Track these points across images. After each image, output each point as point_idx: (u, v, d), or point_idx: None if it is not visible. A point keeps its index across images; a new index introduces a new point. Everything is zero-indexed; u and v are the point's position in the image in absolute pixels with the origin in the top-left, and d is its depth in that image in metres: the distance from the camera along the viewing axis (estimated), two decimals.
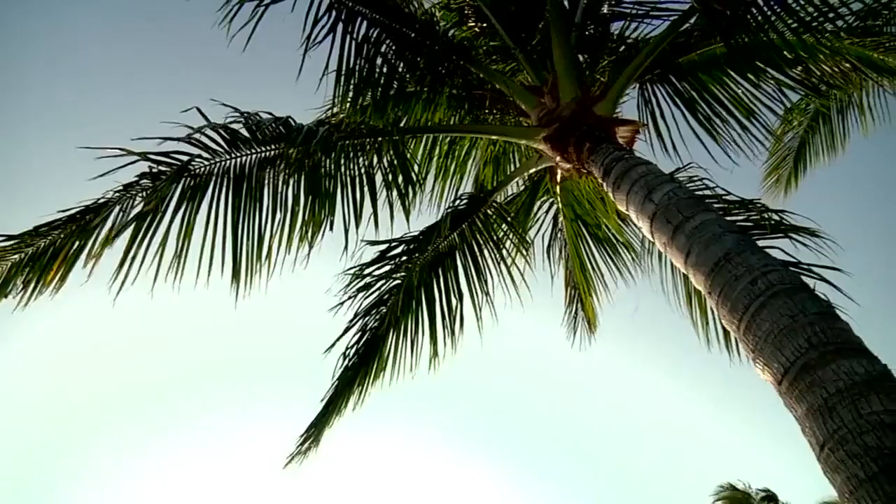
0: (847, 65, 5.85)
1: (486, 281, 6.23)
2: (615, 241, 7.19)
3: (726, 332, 6.02)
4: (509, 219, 6.74)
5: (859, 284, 4.57)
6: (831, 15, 5.11)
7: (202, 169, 5.03)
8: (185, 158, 4.90)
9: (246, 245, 5.07)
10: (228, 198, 5.08)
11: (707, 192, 5.35)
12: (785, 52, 5.55)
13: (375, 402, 6.13)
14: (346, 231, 5.49)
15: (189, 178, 4.94)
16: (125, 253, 4.61)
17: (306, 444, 5.98)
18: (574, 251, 7.41)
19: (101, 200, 4.68)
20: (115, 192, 4.72)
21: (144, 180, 4.78)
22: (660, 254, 6.33)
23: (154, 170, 4.79)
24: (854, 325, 3.04)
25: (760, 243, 3.71)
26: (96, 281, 4.54)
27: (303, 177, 5.37)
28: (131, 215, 4.69)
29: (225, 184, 5.09)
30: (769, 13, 4.97)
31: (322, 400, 6.00)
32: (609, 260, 7.32)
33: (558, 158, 5.59)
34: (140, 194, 4.75)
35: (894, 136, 7.54)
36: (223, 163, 5.11)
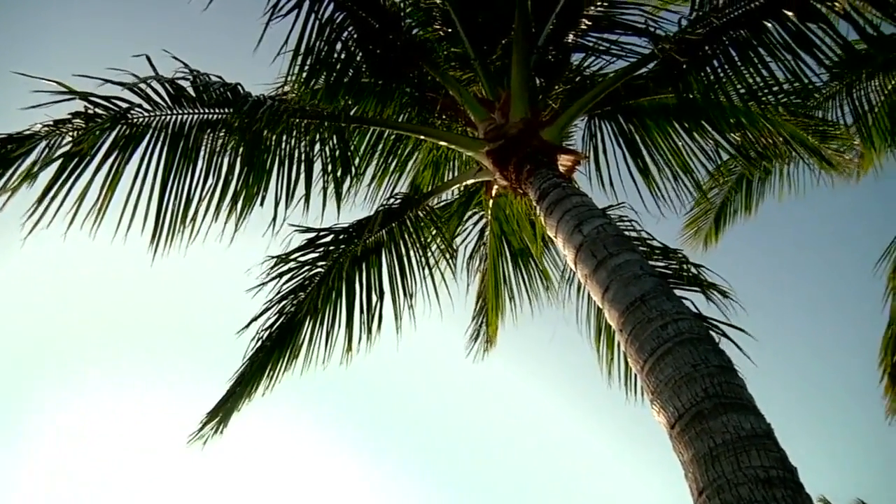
0: (781, 139, 6.19)
1: (408, 283, 6.25)
2: (534, 266, 7.33)
3: (628, 370, 6.23)
4: (439, 224, 6.77)
5: (757, 346, 4.82)
6: (775, 88, 5.38)
7: (140, 119, 4.89)
8: (125, 106, 4.76)
9: (172, 205, 4.96)
10: (162, 154, 4.96)
11: (634, 234, 5.53)
12: (728, 116, 5.78)
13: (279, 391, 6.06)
14: (276, 209, 5.44)
15: (125, 127, 4.80)
16: (45, 191, 4.44)
17: (212, 425, 5.86)
18: (492, 267, 7.50)
19: (28, 132, 4.50)
20: (45, 126, 4.54)
21: (77, 120, 4.62)
22: (579, 285, 6.49)
23: (90, 111, 4.64)
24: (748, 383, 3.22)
25: (676, 292, 3.85)
26: (6, 217, 4.35)
27: (241, 147, 5.29)
28: (58, 153, 4.52)
29: (161, 139, 4.97)
30: (721, 74, 5.18)
31: (230, 380, 5.89)
32: (523, 283, 7.45)
33: (497, 174, 5.65)
34: (71, 133, 4.58)
35: (802, 206, 8.01)
36: (163, 117, 4.99)
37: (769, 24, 4.87)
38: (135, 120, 4.86)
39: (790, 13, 4.76)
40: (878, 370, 7.64)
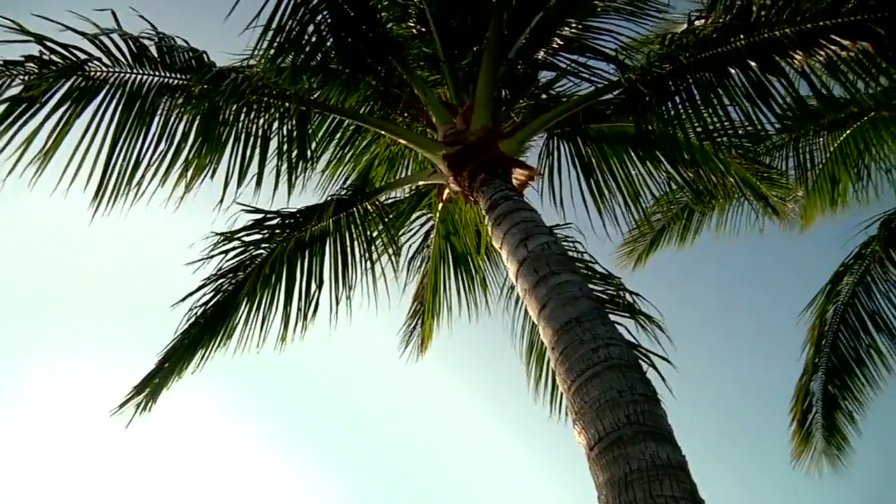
0: (731, 180, 6.37)
1: (349, 275, 6.22)
2: (475, 274, 7.38)
3: (554, 388, 6.32)
4: (387, 220, 6.74)
5: (679, 378, 4.96)
6: (730, 131, 5.53)
7: (98, 73, 4.78)
8: (83, 57, 4.63)
9: (120, 165, 4.86)
10: (116, 112, 4.85)
11: (577, 255, 5.62)
12: (683, 151, 5.92)
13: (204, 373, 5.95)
14: (226, 185, 5.36)
15: (81, 79, 4.68)
16: None
17: (138, 400, 5.71)
18: (433, 270, 7.51)
19: None
20: None
21: (31, 64, 4.48)
22: (517, 298, 6.55)
23: (45, 56, 4.51)
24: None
25: (611, 317, 3.93)
26: None
27: (199, 116, 5.21)
28: (5, 95, 4.39)
29: (117, 97, 4.85)
30: (681, 110, 5.31)
31: (158, 355, 5.76)
32: (463, 289, 7.48)
33: (451, 179, 5.67)
34: (22, 76, 4.44)
35: (736, 247, 8.27)
36: (122, 75, 4.88)
37: (733, 70, 5.01)
38: (92, 73, 4.74)
39: (753, 63, 4.91)
40: (788, 415, 7.93)
